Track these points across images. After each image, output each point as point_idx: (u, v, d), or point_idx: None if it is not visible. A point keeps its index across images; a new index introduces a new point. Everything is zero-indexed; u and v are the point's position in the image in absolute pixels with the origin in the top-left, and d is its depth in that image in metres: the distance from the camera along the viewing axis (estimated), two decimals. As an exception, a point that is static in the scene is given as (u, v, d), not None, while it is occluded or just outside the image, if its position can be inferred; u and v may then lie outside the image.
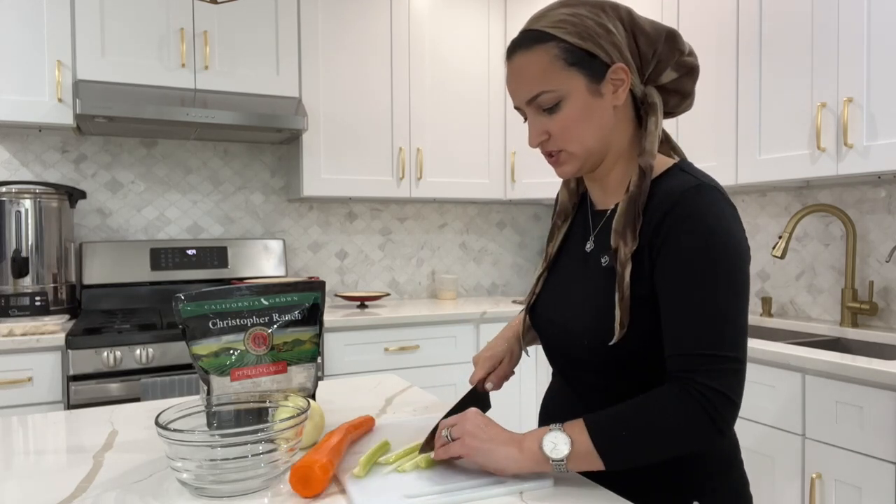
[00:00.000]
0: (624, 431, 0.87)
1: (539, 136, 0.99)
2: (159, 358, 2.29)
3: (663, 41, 0.97)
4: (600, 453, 0.87)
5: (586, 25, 0.94)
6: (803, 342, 2.17)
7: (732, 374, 0.87)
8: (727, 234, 0.89)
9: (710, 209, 0.89)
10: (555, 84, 0.95)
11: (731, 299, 0.88)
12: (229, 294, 1.13)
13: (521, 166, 3.26)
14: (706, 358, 0.87)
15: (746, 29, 2.35)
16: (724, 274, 0.88)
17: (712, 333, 0.87)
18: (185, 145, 3.00)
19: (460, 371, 2.86)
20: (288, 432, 0.89)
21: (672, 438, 0.86)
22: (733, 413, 0.87)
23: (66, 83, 2.46)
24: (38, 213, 2.45)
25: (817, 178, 2.15)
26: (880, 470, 1.64)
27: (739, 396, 0.88)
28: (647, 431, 0.86)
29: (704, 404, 0.86)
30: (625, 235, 0.93)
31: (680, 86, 1.01)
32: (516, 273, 3.71)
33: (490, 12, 3.24)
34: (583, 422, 0.89)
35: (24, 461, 1.03)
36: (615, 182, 1.03)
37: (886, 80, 1.94)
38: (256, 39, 2.76)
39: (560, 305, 1.05)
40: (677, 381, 0.88)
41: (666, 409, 0.87)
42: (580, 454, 0.88)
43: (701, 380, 0.86)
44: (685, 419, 0.86)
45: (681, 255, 0.89)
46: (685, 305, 0.89)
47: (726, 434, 0.88)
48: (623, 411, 0.89)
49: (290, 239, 3.20)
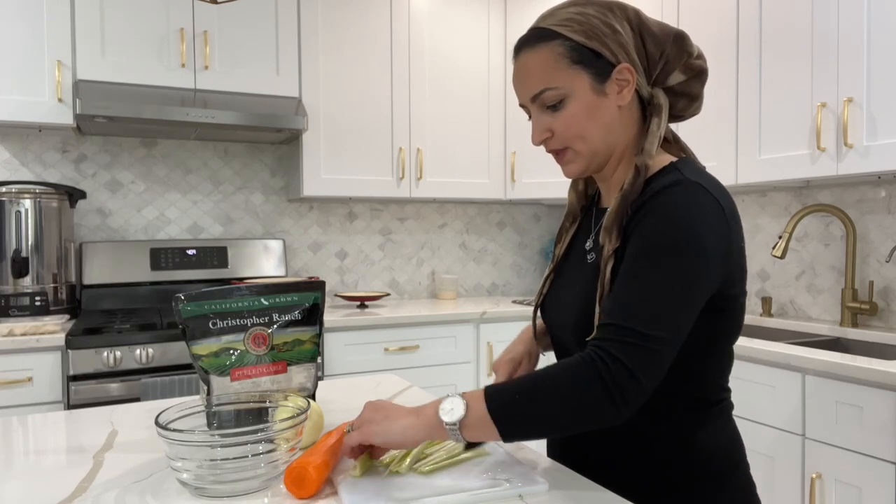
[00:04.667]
0: (517, 395, 0.85)
1: (542, 134, 0.99)
2: (159, 358, 2.29)
3: (671, 43, 0.97)
4: (493, 419, 0.85)
5: (593, 24, 0.93)
6: (803, 342, 2.17)
7: (644, 350, 0.83)
8: (689, 229, 0.86)
9: (681, 203, 0.88)
10: (559, 81, 0.95)
11: (671, 284, 0.85)
12: (229, 294, 1.13)
13: (521, 166, 3.26)
14: (619, 329, 0.84)
15: (746, 29, 2.35)
16: (671, 261, 0.85)
17: (635, 307, 0.85)
18: (185, 145, 3.00)
19: (460, 371, 2.86)
20: (288, 432, 0.89)
21: (564, 405, 0.83)
22: (635, 389, 0.83)
23: (66, 83, 2.46)
24: (38, 213, 2.45)
25: (817, 178, 2.15)
26: (880, 470, 1.64)
27: (647, 375, 0.83)
28: (542, 397, 0.84)
29: (602, 371, 0.83)
30: (611, 232, 0.93)
31: (688, 88, 1.00)
32: (516, 273, 3.71)
33: (490, 12, 3.24)
34: (484, 388, 0.88)
35: (24, 461, 1.03)
36: (618, 181, 1.03)
37: (886, 80, 1.94)
38: (256, 39, 2.76)
39: (562, 305, 1.05)
40: (589, 346, 0.86)
41: (564, 374, 0.84)
42: (475, 419, 0.86)
43: (606, 347, 0.84)
44: (581, 385, 0.83)
45: (638, 238, 0.89)
46: (624, 281, 0.87)
47: (624, 414, 0.84)
48: (526, 377, 0.87)
49: (290, 239, 3.20)
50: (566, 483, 0.93)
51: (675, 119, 1.04)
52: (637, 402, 0.84)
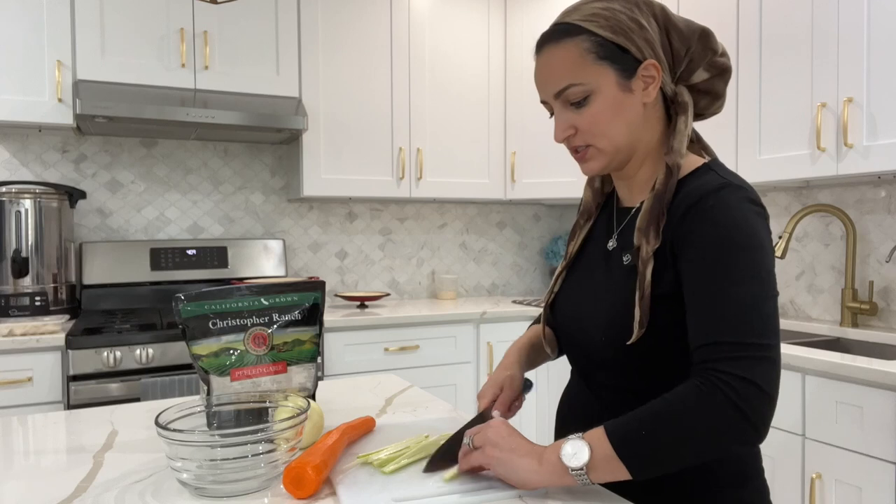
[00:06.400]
0: (643, 431, 0.81)
1: (565, 131, 0.97)
2: (159, 358, 2.29)
3: (697, 39, 0.95)
4: (622, 458, 0.81)
5: (619, 20, 0.92)
6: (803, 342, 2.17)
7: (761, 361, 0.80)
8: (750, 227, 0.86)
9: (732, 205, 0.87)
10: (584, 77, 0.93)
11: (755, 287, 0.83)
12: (229, 294, 1.13)
13: (521, 166, 3.26)
14: (730, 346, 0.81)
15: (746, 28, 2.35)
16: (747, 263, 0.84)
17: (736, 321, 0.82)
18: (185, 145, 3.00)
19: (460, 371, 2.86)
20: (288, 432, 0.89)
21: (699, 436, 0.80)
22: (767, 405, 0.80)
23: (66, 83, 2.46)
24: (38, 213, 2.45)
25: (817, 178, 2.15)
26: (880, 470, 1.64)
27: (772, 387, 0.80)
28: (670, 430, 0.80)
29: (730, 394, 0.79)
30: (648, 233, 0.91)
31: (711, 86, 0.99)
32: (516, 273, 3.71)
33: (490, 12, 3.24)
34: (603, 427, 0.84)
35: (24, 461, 1.03)
36: (642, 180, 1.01)
37: (886, 80, 1.94)
38: (256, 39, 2.76)
39: (580, 303, 1.03)
40: (700, 373, 0.83)
41: (688, 403, 0.81)
42: (601, 461, 0.82)
43: (725, 368, 0.80)
44: (710, 413, 0.79)
45: (703, 247, 0.87)
46: (707, 296, 0.85)
47: (762, 431, 0.80)
48: (644, 411, 0.83)
49: (290, 239, 3.20)
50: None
51: (697, 118, 1.02)
52: (771, 414, 0.81)
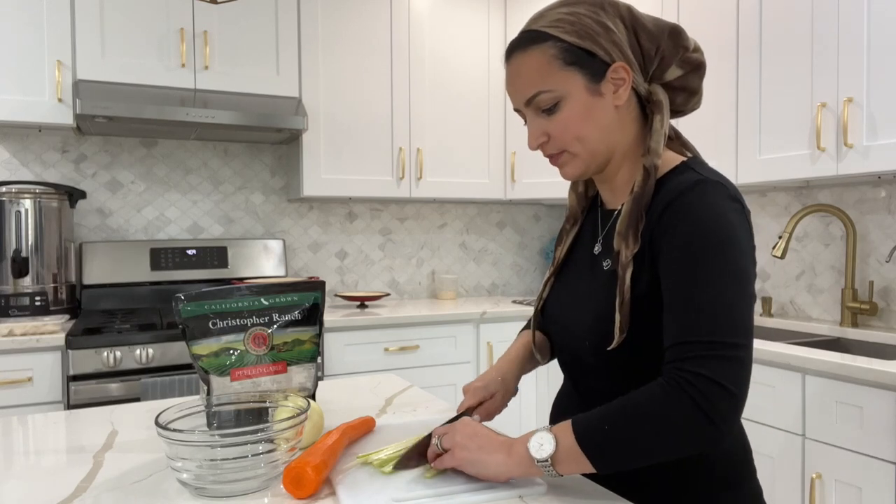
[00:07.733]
0: (606, 426, 0.82)
1: (538, 138, 0.97)
2: (159, 358, 2.29)
3: (667, 37, 0.95)
4: (585, 451, 0.83)
5: (584, 24, 0.92)
6: (803, 342, 2.17)
7: (729, 360, 0.80)
8: (728, 224, 0.85)
9: (709, 202, 0.86)
10: (552, 84, 0.93)
11: (728, 286, 0.82)
12: (229, 294, 1.13)
13: (521, 166, 3.26)
14: (699, 345, 0.81)
15: (746, 29, 2.35)
16: (722, 261, 0.83)
17: (706, 320, 0.81)
18: (185, 145, 3.00)
19: (460, 371, 2.86)
20: (288, 432, 0.89)
21: (660, 433, 0.80)
22: (732, 405, 0.79)
23: (66, 83, 2.46)
24: (38, 213, 2.45)
25: (817, 178, 2.15)
26: (880, 470, 1.64)
27: (739, 387, 0.80)
28: (632, 426, 0.81)
29: (693, 394, 0.79)
30: (627, 237, 0.90)
31: (686, 83, 0.98)
32: (516, 273, 3.71)
33: (490, 12, 3.24)
34: (570, 420, 0.86)
35: (24, 461, 1.03)
36: (623, 182, 1.01)
37: (886, 80, 1.94)
38: (256, 39, 2.76)
39: (567, 309, 1.03)
40: (668, 372, 0.83)
41: (653, 401, 0.81)
42: (565, 453, 0.84)
43: (690, 367, 0.80)
44: (672, 412, 0.80)
45: (679, 245, 0.86)
46: (680, 295, 0.84)
47: (724, 431, 0.80)
48: (611, 406, 0.84)
49: (290, 239, 3.19)
50: (565, 484, 0.93)
51: (676, 114, 1.02)
52: (736, 415, 0.80)
